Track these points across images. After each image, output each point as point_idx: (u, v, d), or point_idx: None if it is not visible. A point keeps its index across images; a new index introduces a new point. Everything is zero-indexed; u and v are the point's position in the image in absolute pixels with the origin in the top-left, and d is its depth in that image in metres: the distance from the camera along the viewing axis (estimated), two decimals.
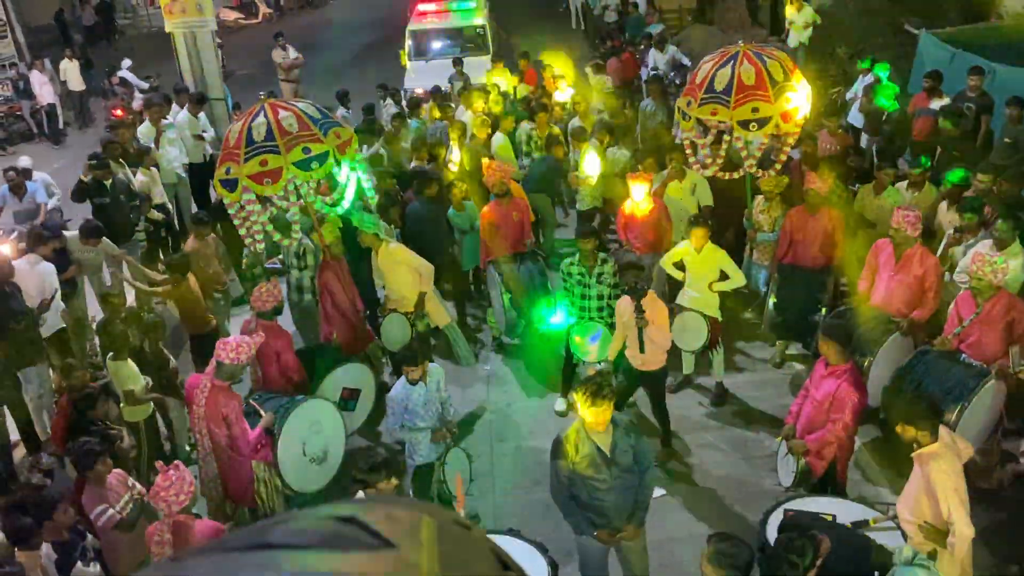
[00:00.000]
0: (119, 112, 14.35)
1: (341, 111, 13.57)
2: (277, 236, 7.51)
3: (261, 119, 6.90)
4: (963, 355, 6.47)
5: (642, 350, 6.77)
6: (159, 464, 5.21)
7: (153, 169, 10.69)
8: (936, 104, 10.51)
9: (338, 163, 7.34)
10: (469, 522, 0.84)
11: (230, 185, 6.95)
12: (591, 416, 4.97)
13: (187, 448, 7.61)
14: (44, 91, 17.77)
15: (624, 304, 6.81)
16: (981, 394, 6.09)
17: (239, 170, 6.83)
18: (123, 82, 17.11)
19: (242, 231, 7.36)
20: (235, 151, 6.89)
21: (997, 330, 6.33)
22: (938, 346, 6.61)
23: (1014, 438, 6.64)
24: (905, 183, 8.66)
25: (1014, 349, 6.00)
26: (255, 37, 25.81)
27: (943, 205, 8.27)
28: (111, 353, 7.07)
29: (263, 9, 31.09)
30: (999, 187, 7.95)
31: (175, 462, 5.21)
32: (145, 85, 16.42)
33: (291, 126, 6.92)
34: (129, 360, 6.98)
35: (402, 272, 7.98)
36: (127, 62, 17.88)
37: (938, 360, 6.48)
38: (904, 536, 5.07)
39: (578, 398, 5.03)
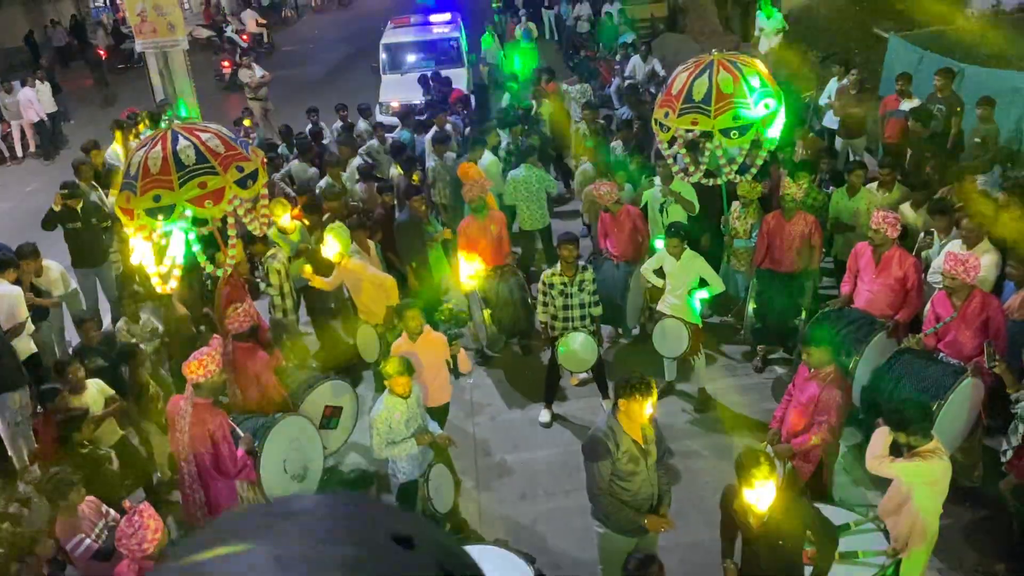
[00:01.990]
0: (226, 64, 22.11)
1: (338, 123, 13.58)
2: (210, 267, 7.44)
3: (185, 142, 6.79)
4: (940, 354, 6.52)
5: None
6: (126, 504, 5.07)
7: None
8: (907, 105, 10.62)
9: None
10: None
11: (166, 212, 6.70)
12: (640, 409, 5.04)
13: (168, 473, 7.51)
14: (35, 108, 17.70)
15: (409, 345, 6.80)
16: (959, 392, 6.12)
17: (175, 196, 6.66)
18: (230, 41, 22.93)
19: (136, 259, 7.19)
20: (163, 178, 6.63)
21: (973, 328, 6.38)
22: (913, 344, 6.65)
23: (995, 435, 6.68)
24: (875, 184, 8.74)
25: (989, 346, 6.04)
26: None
27: (906, 207, 8.34)
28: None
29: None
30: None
31: (140, 506, 5.02)
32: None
33: (217, 147, 6.85)
34: (85, 392, 6.84)
35: (365, 287, 7.98)
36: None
37: (916, 359, 6.52)
38: (887, 538, 5.09)
39: (626, 394, 5.04)
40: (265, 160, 7.42)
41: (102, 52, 25.51)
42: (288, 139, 12.25)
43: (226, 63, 22.94)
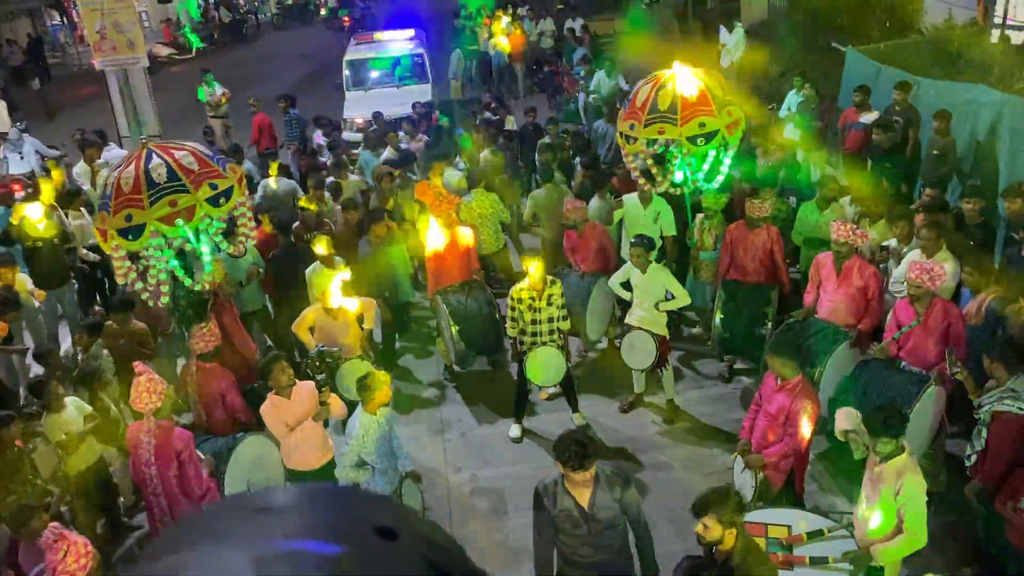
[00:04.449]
0: (346, 19, 30.37)
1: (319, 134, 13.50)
2: (188, 281, 7.32)
3: (157, 160, 6.71)
4: (903, 362, 6.62)
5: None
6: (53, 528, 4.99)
7: (83, 209, 10.42)
8: (865, 118, 10.81)
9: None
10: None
11: (134, 232, 6.66)
12: (576, 477, 4.69)
13: (132, 496, 7.38)
14: None
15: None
16: (923, 400, 6.22)
17: (146, 215, 6.57)
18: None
19: (122, 280, 7.10)
20: (135, 197, 6.60)
21: (935, 336, 6.49)
22: (876, 353, 6.74)
23: (956, 440, 6.79)
24: (848, 198, 8.83)
25: (951, 354, 6.14)
26: (188, 72, 25.50)
27: (866, 222, 8.44)
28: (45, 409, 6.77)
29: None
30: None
31: (61, 531, 4.96)
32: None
33: (191, 164, 6.79)
34: (64, 410, 6.71)
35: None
36: None
37: (880, 369, 6.61)
38: (857, 545, 5.13)
39: (560, 462, 4.70)
40: (243, 176, 7.28)
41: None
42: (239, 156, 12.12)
43: (346, 18, 30.81)
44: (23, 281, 8.72)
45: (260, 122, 14.33)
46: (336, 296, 7.52)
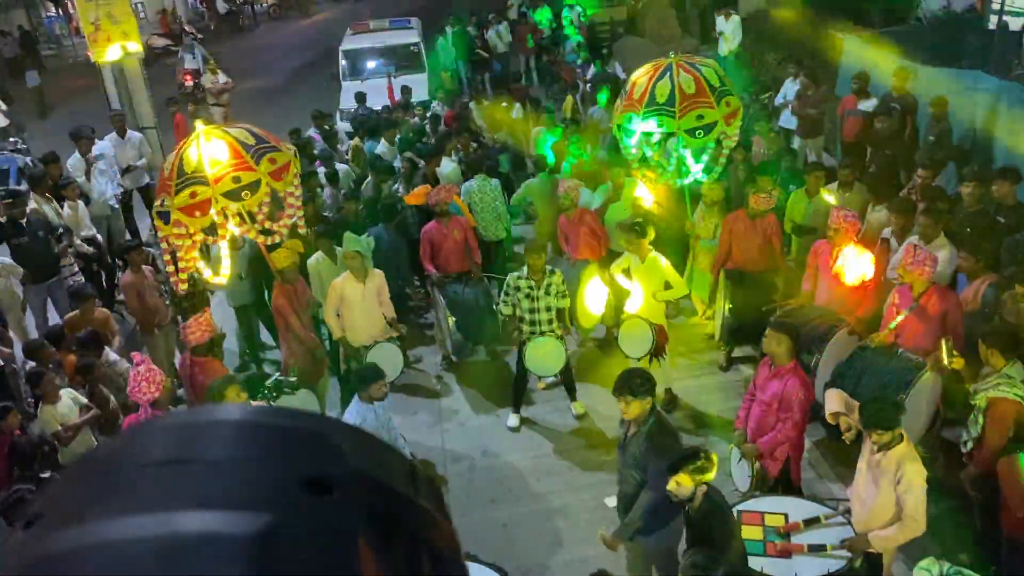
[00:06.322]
0: None
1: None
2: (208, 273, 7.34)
3: (193, 149, 6.76)
4: (899, 349, 6.61)
5: None
6: None
7: (79, 201, 10.37)
8: (864, 105, 10.77)
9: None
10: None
11: (164, 217, 6.82)
12: (619, 404, 5.24)
13: None
14: None
15: None
16: (919, 387, 6.22)
17: (171, 203, 6.67)
18: None
19: (170, 268, 7.23)
20: (168, 183, 6.73)
21: (931, 323, 6.47)
22: (876, 342, 6.74)
23: (952, 428, 6.78)
24: (836, 184, 8.83)
25: (947, 342, 6.13)
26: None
27: (870, 206, 8.44)
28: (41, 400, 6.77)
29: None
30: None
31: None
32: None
33: (221, 154, 6.79)
34: (59, 402, 6.70)
35: (360, 303, 7.88)
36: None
37: (876, 355, 6.60)
38: (854, 532, 5.14)
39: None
40: (285, 167, 7.08)
41: None
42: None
43: None
44: (8, 264, 8.70)
45: (180, 121, 14.22)
46: (358, 243, 7.64)
